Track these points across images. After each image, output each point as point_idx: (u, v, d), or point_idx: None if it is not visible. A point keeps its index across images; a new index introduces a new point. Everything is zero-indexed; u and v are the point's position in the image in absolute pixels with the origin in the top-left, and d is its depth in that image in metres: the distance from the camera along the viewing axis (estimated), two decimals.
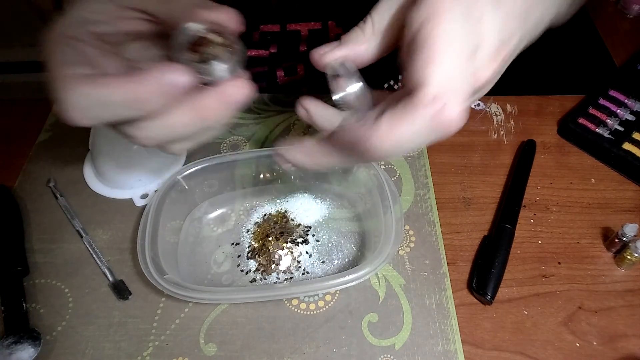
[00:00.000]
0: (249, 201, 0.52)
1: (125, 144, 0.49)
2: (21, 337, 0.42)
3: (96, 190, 0.53)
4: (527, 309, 0.45)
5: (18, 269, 0.46)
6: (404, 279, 0.46)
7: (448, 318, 0.44)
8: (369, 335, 0.43)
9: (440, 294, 0.45)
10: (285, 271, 0.47)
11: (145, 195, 0.52)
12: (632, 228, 0.45)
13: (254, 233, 0.50)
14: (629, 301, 0.45)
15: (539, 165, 0.55)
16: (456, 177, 0.54)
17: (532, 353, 0.42)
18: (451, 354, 0.42)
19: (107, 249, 0.49)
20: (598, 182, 0.54)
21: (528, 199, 0.52)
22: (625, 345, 0.43)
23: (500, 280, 0.45)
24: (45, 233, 0.50)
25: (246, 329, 0.44)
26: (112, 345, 0.43)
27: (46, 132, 0.58)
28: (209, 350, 0.42)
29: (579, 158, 0.56)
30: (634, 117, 0.56)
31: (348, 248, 0.49)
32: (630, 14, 0.73)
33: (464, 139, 0.57)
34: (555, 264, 0.48)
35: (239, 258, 0.48)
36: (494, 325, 0.44)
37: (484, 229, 0.50)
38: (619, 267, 0.47)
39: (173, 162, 0.54)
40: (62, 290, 0.46)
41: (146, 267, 0.42)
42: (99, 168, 0.52)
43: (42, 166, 0.55)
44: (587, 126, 0.56)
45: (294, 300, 0.45)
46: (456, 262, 0.48)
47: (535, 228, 0.50)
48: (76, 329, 0.44)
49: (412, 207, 0.51)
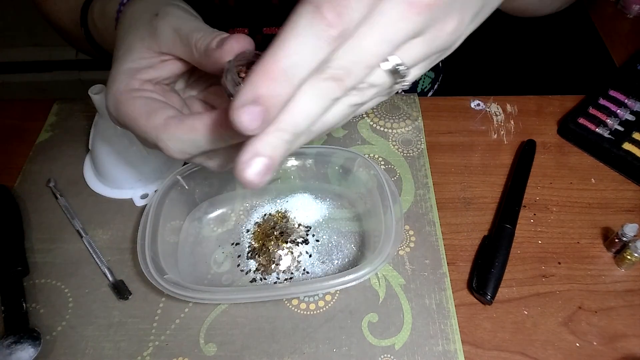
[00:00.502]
0: (249, 201, 0.52)
1: (125, 144, 0.49)
2: (21, 337, 0.42)
3: (96, 190, 0.53)
4: (527, 309, 0.45)
5: (18, 269, 0.46)
6: (404, 279, 0.46)
7: (448, 318, 0.44)
8: (369, 335, 0.43)
9: (440, 294, 0.45)
10: (285, 271, 0.47)
11: (145, 195, 0.52)
12: (632, 228, 0.45)
13: (254, 233, 0.50)
14: (629, 301, 0.45)
15: (539, 165, 0.55)
16: (456, 177, 0.54)
17: (532, 353, 0.42)
18: (451, 354, 0.42)
19: (107, 249, 0.49)
20: (598, 182, 0.54)
21: (528, 199, 0.52)
22: (625, 345, 0.43)
23: (500, 280, 0.45)
24: (45, 233, 0.50)
25: (246, 329, 0.44)
26: (112, 345, 0.43)
27: (46, 132, 0.58)
28: (209, 350, 0.42)
29: (579, 158, 0.56)
30: (634, 117, 0.56)
31: (348, 248, 0.49)
32: (630, 14, 0.73)
33: (464, 139, 0.58)
34: (555, 264, 0.48)
35: (239, 258, 0.48)
36: (494, 325, 0.44)
37: (484, 229, 0.50)
38: (619, 267, 0.47)
39: (173, 162, 0.54)
40: (62, 290, 0.46)
41: (146, 267, 0.42)
42: (99, 168, 0.52)
43: (42, 166, 0.55)
44: (587, 126, 0.56)
45: (294, 300, 0.45)
46: (456, 262, 0.48)
47: (535, 228, 0.50)
48: (76, 329, 0.44)
49: (412, 207, 0.51)
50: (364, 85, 0.26)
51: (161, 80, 0.37)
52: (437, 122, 0.59)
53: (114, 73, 0.35)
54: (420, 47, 0.26)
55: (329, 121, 0.26)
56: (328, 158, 0.51)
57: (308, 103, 0.23)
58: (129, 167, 0.51)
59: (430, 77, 0.75)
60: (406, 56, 0.26)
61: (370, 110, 0.60)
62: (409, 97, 0.62)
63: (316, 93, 0.23)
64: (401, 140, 0.57)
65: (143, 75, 0.35)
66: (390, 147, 0.57)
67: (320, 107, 0.24)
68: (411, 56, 0.26)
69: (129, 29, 0.38)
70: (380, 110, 0.60)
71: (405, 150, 0.56)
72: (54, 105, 0.61)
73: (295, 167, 0.52)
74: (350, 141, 0.57)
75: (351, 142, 0.57)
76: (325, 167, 0.52)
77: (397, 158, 0.55)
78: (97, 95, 0.45)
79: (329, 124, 0.26)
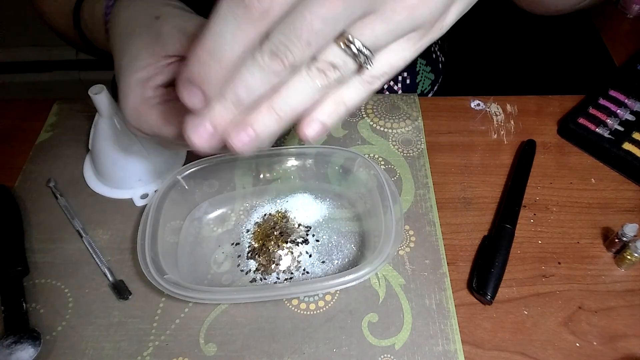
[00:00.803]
0: (249, 201, 0.52)
1: (125, 144, 0.49)
2: (21, 337, 0.42)
3: (96, 190, 0.53)
4: (527, 309, 0.45)
5: (18, 269, 0.46)
6: (404, 279, 0.46)
7: (448, 318, 0.44)
8: (369, 335, 0.43)
9: (440, 294, 0.45)
10: (285, 271, 0.47)
11: (145, 195, 0.52)
12: (632, 228, 0.45)
13: (254, 233, 0.50)
14: (629, 301, 0.45)
15: (539, 165, 0.55)
16: (456, 177, 0.54)
17: (532, 353, 0.42)
18: (451, 354, 0.42)
19: (107, 249, 0.49)
20: (598, 182, 0.54)
21: (528, 199, 0.52)
22: (625, 345, 0.43)
23: (500, 280, 0.45)
24: (45, 233, 0.50)
25: (246, 329, 0.44)
26: (112, 345, 0.43)
27: (46, 132, 0.58)
28: (209, 350, 0.42)
29: (579, 158, 0.56)
30: (634, 117, 0.56)
31: (348, 248, 0.49)
32: (630, 14, 0.73)
33: (464, 139, 0.58)
34: (555, 264, 0.48)
35: (239, 258, 0.48)
36: (494, 325, 0.44)
37: (484, 229, 0.50)
38: (619, 267, 0.47)
39: (173, 162, 0.54)
40: (62, 290, 0.46)
41: (146, 267, 0.42)
42: (99, 168, 0.52)
43: (42, 166, 0.55)
44: (587, 126, 0.56)
45: (294, 300, 0.45)
46: (456, 262, 0.48)
47: (535, 228, 0.50)
48: (76, 329, 0.44)
49: (412, 207, 0.51)
50: (323, 65, 0.26)
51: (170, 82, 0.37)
52: (437, 122, 0.59)
53: (125, 85, 0.36)
54: (379, 26, 0.26)
55: (294, 103, 0.27)
56: (328, 158, 0.51)
57: (248, 76, 0.25)
58: (129, 167, 0.51)
59: (430, 78, 0.75)
60: (362, 35, 0.26)
61: (370, 110, 0.60)
62: (409, 97, 0.62)
63: (256, 67, 0.25)
64: (401, 140, 0.57)
65: (154, 82, 0.36)
66: (390, 147, 0.57)
67: (262, 80, 0.25)
68: (370, 36, 0.26)
69: (130, 35, 0.38)
70: (380, 110, 0.60)
71: (405, 150, 0.56)
72: (54, 105, 0.61)
73: (295, 167, 0.52)
74: (350, 141, 0.57)
75: (351, 142, 0.57)
76: (325, 167, 0.52)
77: (397, 158, 0.55)
78: (97, 95, 0.45)
79: (295, 105, 0.27)
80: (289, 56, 0.24)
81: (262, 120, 0.27)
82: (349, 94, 0.29)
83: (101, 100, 0.46)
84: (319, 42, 0.25)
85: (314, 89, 0.27)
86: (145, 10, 0.38)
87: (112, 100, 0.47)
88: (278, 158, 0.51)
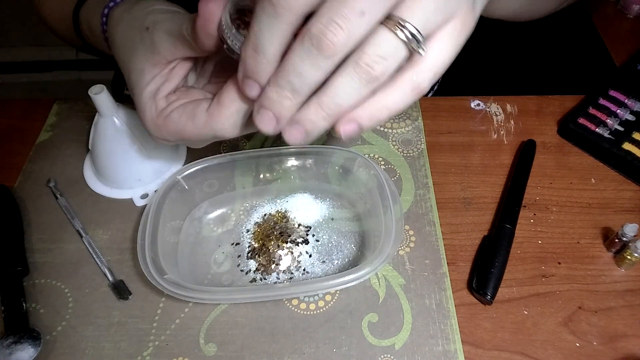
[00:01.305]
0: (249, 201, 0.52)
1: (125, 144, 0.49)
2: (21, 337, 0.42)
3: (96, 190, 0.53)
4: (527, 309, 0.45)
5: (18, 269, 0.46)
6: (404, 279, 0.46)
7: (448, 318, 0.44)
8: (369, 335, 0.43)
9: (440, 294, 0.45)
10: (285, 271, 0.47)
11: (145, 195, 0.52)
12: (632, 228, 0.45)
13: (254, 233, 0.50)
14: (629, 301, 0.45)
15: (539, 165, 0.55)
16: (456, 177, 0.54)
17: (532, 353, 0.42)
18: (451, 354, 0.42)
19: (107, 249, 0.49)
20: (598, 182, 0.54)
21: (528, 199, 0.52)
22: (625, 345, 0.43)
23: (500, 280, 0.45)
24: (45, 233, 0.50)
25: (246, 329, 0.44)
26: (112, 345, 0.43)
27: (46, 132, 0.58)
28: (209, 350, 0.42)
29: (579, 158, 0.56)
30: (634, 117, 0.56)
31: (348, 248, 0.49)
32: (630, 14, 0.73)
33: (464, 139, 0.58)
34: (555, 264, 0.48)
35: (239, 258, 0.48)
36: (494, 325, 0.44)
37: (484, 229, 0.50)
38: (619, 267, 0.47)
39: (173, 162, 0.54)
40: (62, 290, 0.46)
41: (146, 267, 0.42)
42: (99, 168, 0.52)
43: (42, 166, 0.55)
44: (587, 126, 0.56)
45: (294, 300, 0.45)
46: (456, 262, 0.48)
47: (535, 228, 0.50)
48: (76, 329, 0.44)
49: (412, 207, 0.51)
50: (371, 59, 0.26)
51: (178, 86, 0.39)
52: (437, 122, 0.59)
53: (139, 103, 0.38)
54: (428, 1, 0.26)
55: (341, 101, 0.28)
56: (328, 158, 0.51)
57: (299, 64, 0.27)
58: (129, 167, 0.51)
59: None
60: (414, 16, 0.26)
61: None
62: None
63: (302, 56, 0.27)
64: (401, 140, 0.57)
65: (163, 92, 0.38)
66: (390, 147, 0.57)
67: (312, 66, 0.27)
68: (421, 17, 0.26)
69: (130, 51, 0.39)
70: None
71: (405, 150, 0.56)
72: (54, 105, 0.61)
73: (295, 167, 0.52)
74: (350, 141, 0.57)
75: (351, 142, 0.57)
76: (325, 167, 0.52)
77: (397, 158, 0.55)
78: (97, 95, 0.45)
79: (341, 103, 0.28)
80: (330, 45, 0.25)
81: (311, 118, 0.29)
82: (395, 97, 0.29)
83: (101, 100, 0.46)
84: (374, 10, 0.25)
85: (361, 86, 0.27)
86: (134, 23, 0.39)
87: (112, 100, 0.47)
88: (278, 158, 0.51)
